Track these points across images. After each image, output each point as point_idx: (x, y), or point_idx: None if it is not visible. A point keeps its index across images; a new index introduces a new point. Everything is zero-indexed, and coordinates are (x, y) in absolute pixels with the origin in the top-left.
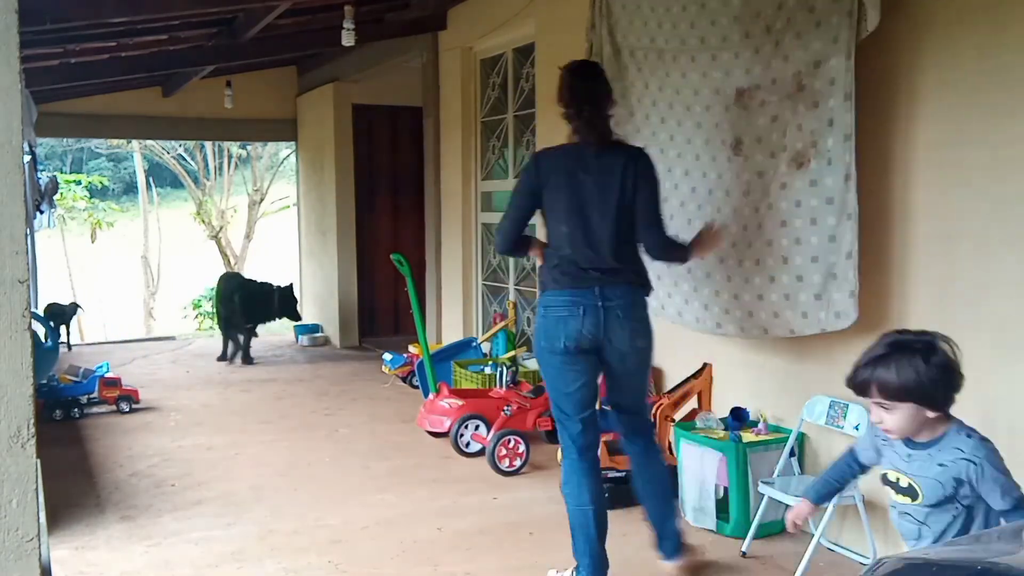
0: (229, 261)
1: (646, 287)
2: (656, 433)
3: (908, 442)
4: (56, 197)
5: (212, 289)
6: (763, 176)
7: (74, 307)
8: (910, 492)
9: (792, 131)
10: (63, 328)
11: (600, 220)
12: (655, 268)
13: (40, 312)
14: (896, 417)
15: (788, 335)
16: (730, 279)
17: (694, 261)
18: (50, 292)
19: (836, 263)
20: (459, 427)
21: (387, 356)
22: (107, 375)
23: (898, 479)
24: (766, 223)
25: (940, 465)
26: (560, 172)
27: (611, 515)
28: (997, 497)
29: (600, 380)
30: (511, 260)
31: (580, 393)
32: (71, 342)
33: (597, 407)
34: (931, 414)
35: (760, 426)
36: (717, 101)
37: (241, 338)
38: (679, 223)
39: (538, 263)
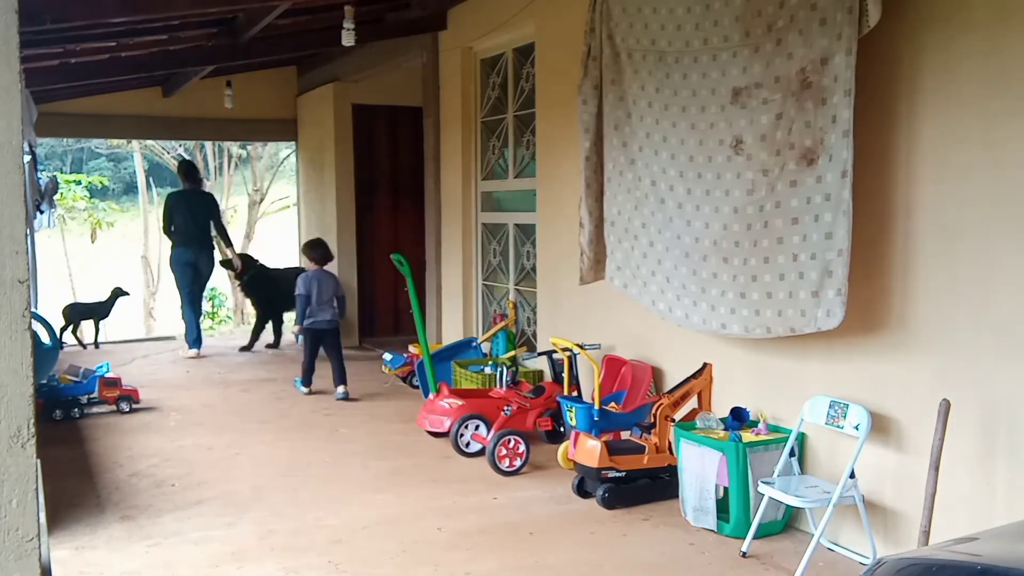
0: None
1: None
2: None
3: None
4: (56, 197)
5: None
6: (768, 174)
7: (116, 294)
8: None
9: (799, 128)
10: (101, 323)
11: None
12: (663, 273)
13: (63, 310)
14: None
15: (789, 334)
16: (736, 278)
17: (699, 262)
18: (50, 292)
19: (831, 260)
20: (459, 427)
21: (387, 356)
22: (107, 375)
23: None
24: (774, 220)
25: None
26: None
27: (610, 515)
28: None
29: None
30: (511, 260)
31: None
32: (98, 340)
33: (596, 406)
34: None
35: (760, 426)
36: (713, 101)
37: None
38: (678, 224)
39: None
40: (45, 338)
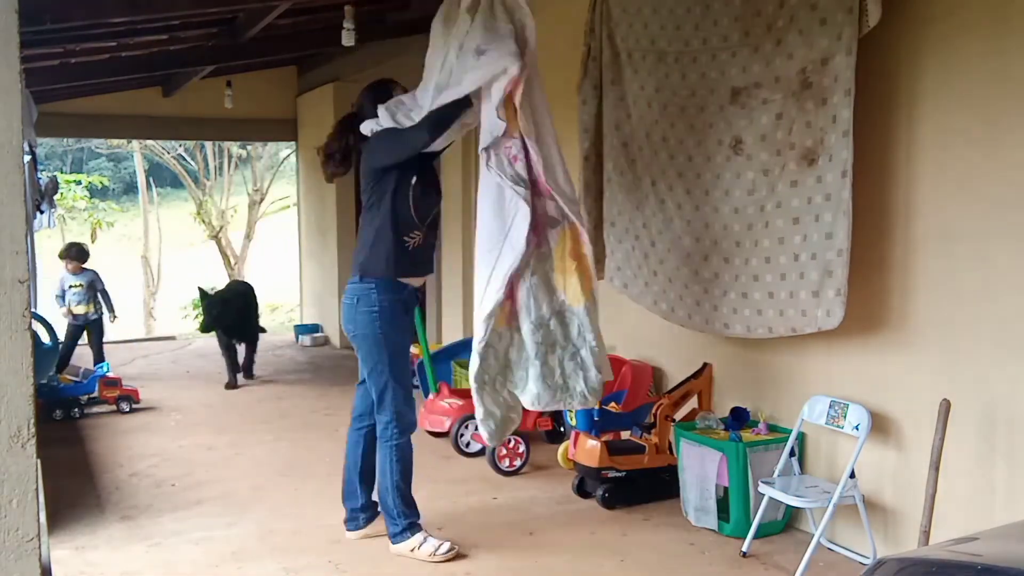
0: (229, 261)
1: (362, 274)
2: (393, 433)
3: None
4: (56, 197)
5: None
6: (768, 174)
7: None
8: None
9: (800, 128)
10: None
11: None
12: (665, 273)
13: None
14: None
15: (790, 334)
16: (738, 278)
17: (700, 263)
18: (50, 292)
19: (831, 260)
20: (459, 427)
21: None
22: (107, 375)
23: None
24: (775, 221)
25: None
26: None
27: (610, 515)
28: None
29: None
30: None
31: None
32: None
33: (596, 406)
34: None
35: (760, 426)
36: (712, 101)
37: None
38: (678, 225)
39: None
40: (45, 338)
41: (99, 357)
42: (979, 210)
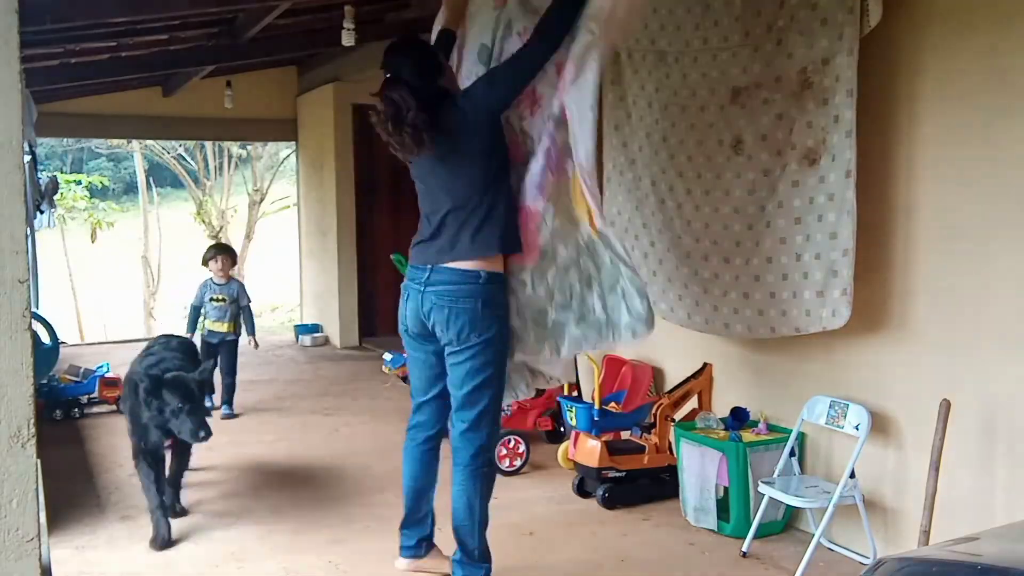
0: None
1: (492, 268)
2: (486, 459)
3: None
4: (56, 197)
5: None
6: (769, 174)
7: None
8: None
9: (800, 128)
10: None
11: (438, 188)
12: (665, 273)
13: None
14: None
15: (794, 333)
16: (739, 278)
17: (700, 263)
18: (50, 292)
19: (836, 260)
20: None
21: (387, 356)
22: (107, 375)
23: None
24: (776, 221)
25: None
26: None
27: (610, 515)
28: None
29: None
30: None
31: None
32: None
33: (596, 406)
34: None
35: (760, 426)
36: (712, 101)
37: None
38: (678, 225)
39: None
40: (45, 338)
41: (230, 388)
42: (979, 209)
